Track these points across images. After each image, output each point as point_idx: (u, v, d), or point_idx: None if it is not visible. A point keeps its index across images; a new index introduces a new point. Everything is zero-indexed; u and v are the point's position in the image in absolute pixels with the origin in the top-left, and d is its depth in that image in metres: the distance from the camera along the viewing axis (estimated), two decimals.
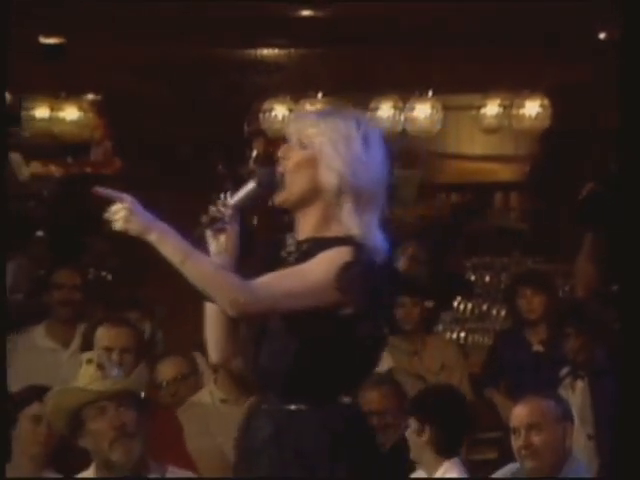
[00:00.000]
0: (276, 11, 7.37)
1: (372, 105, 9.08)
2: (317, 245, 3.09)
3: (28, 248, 8.10)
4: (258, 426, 3.14)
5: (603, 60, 6.95)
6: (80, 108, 8.84)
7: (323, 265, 3.03)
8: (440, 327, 7.44)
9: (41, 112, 8.98)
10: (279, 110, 8.97)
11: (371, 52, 8.14)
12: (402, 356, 6.43)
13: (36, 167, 9.90)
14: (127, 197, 3.10)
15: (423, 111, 9.03)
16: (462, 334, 7.69)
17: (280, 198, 3.13)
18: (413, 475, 4.93)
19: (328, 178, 3.10)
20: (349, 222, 3.10)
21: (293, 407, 3.08)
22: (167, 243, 3.03)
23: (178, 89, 8.21)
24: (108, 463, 4.06)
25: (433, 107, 9.01)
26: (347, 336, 3.06)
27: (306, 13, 7.48)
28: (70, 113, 8.81)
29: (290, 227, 3.21)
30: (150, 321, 6.22)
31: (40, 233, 9.05)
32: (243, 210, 3.16)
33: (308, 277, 3.02)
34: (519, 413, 4.61)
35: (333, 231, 3.11)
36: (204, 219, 3.16)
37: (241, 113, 8.98)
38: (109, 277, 8.93)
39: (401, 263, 8.39)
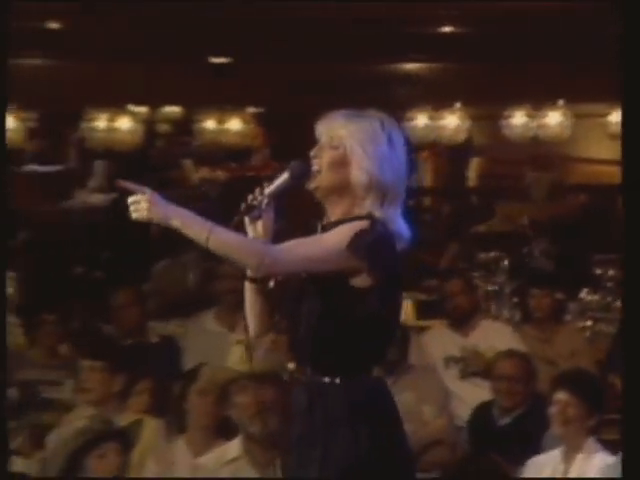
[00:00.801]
0: (418, 29, 7.41)
1: (506, 113, 9.04)
2: (340, 223, 3.12)
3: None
4: (296, 397, 3.17)
5: None
6: (243, 120, 9.04)
7: (340, 234, 3.06)
8: (569, 317, 7.36)
9: (210, 124, 9.20)
10: (420, 119, 9.02)
11: (505, 66, 8.11)
12: (534, 343, 6.39)
13: (204, 172, 10.15)
14: (147, 189, 3.09)
15: (554, 118, 8.97)
16: (589, 323, 7.59)
17: (313, 185, 3.12)
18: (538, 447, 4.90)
19: (359, 176, 3.10)
20: (373, 209, 3.10)
21: (324, 380, 3.12)
22: (190, 226, 3.03)
23: (328, 99, 8.30)
24: (249, 435, 4.17)
25: (564, 115, 8.94)
26: (362, 306, 3.08)
27: (446, 30, 7.50)
28: (235, 124, 9.02)
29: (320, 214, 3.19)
30: None
31: None
32: (279, 199, 3.16)
33: (326, 243, 3.06)
34: None
35: (356, 213, 3.12)
36: (242, 207, 3.13)
37: None
38: None
39: (534, 258, 8.35)
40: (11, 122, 8.50)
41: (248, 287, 3.20)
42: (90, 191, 9.38)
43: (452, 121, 9.15)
